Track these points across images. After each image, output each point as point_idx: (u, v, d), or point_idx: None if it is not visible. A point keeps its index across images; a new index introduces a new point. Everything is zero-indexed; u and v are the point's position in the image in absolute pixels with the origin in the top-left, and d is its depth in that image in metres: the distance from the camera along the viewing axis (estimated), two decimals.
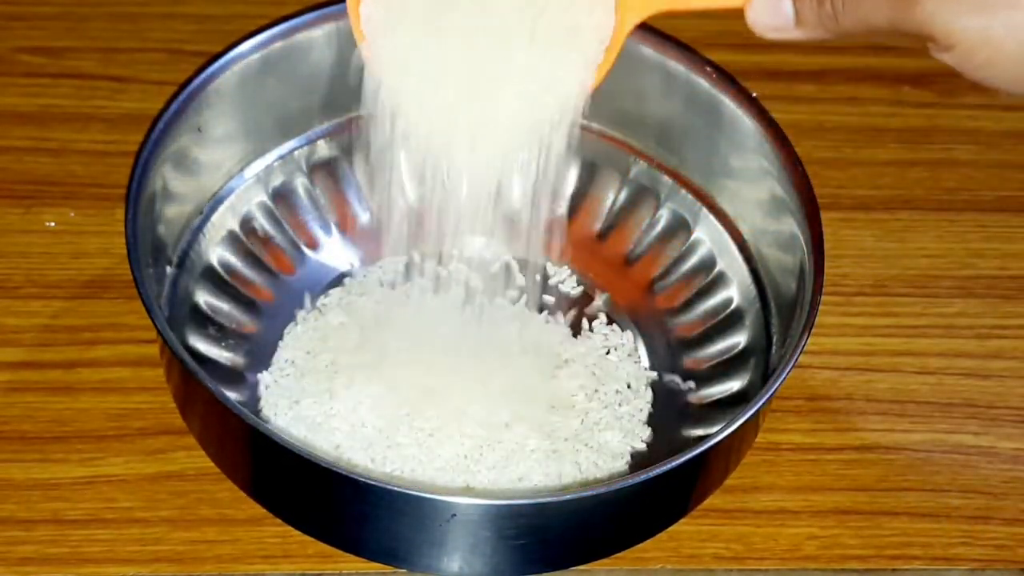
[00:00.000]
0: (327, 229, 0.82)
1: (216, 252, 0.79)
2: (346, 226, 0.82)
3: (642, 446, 0.75)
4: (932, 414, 0.78)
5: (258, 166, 0.81)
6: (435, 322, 0.77)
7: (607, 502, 0.68)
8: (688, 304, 0.80)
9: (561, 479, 0.73)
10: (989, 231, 0.86)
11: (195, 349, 0.75)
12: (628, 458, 0.75)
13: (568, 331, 0.78)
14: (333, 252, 0.81)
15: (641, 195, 0.82)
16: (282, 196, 0.82)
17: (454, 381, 0.75)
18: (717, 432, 0.68)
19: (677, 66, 0.78)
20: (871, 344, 0.81)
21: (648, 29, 0.79)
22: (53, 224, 0.82)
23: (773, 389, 0.69)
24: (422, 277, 0.78)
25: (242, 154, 0.80)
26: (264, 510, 0.72)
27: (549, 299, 0.80)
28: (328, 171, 0.82)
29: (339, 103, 0.82)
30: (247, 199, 0.80)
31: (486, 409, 0.74)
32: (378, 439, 0.73)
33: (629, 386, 0.77)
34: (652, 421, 0.76)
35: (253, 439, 0.68)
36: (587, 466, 0.74)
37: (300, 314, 0.78)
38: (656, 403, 0.77)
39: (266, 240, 0.81)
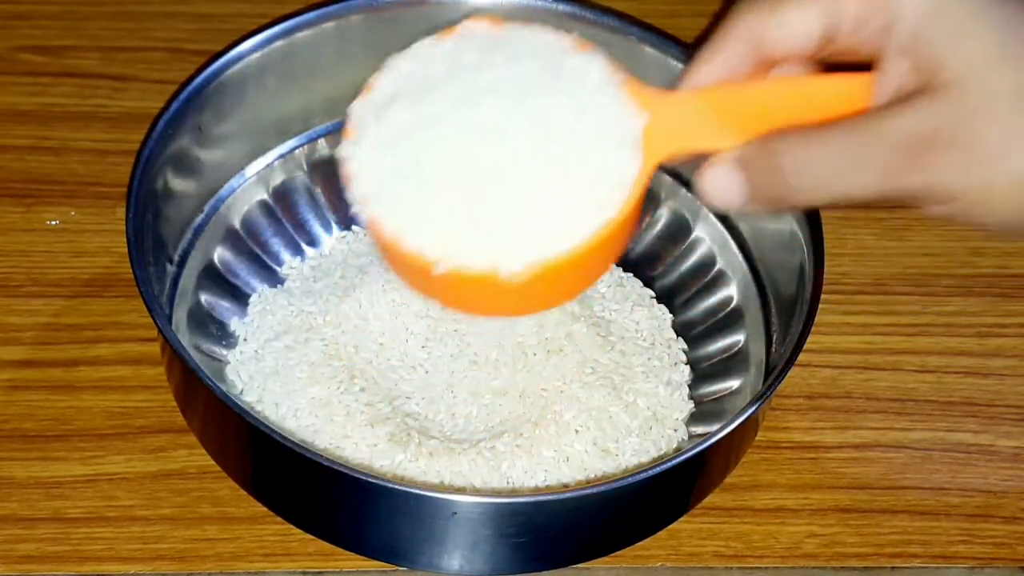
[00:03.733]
0: (327, 227, 0.82)
1: (217, 250, 0.79)
2: (346, 225, 0.82)
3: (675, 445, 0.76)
4: (932, 412, 0.78)
5: (258, 165, 0.81)
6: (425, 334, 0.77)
7: (607, 500, 0.68)
8: (688, 302, 0.80)
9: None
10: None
11: (196, 347, 0.75)
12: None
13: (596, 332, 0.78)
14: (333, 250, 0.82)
15: None
16: (282, 195, 0.82)
17: (459, 380, 0.76)
18: (717, 430, 0.68)
19: (678, 65, 0.78)
20: (871, 342, 0.81)
21: (648, 28, 0.79)
22: (54, 223, 0.82)
23: (773, 387, 0.69)
24: None
25: (243, 153, 0.80)
26: (265, 508, 0.72)
27: None
28: (328, 170, 0.82)
29: (339, 102, 0.82)
30: (248, 198, 0.81)
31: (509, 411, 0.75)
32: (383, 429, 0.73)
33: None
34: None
35: (253, 437, 0.68)
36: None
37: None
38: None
39: (267, 239, 0.81)
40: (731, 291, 0.80)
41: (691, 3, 0.94)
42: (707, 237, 0.81)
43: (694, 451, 0.67)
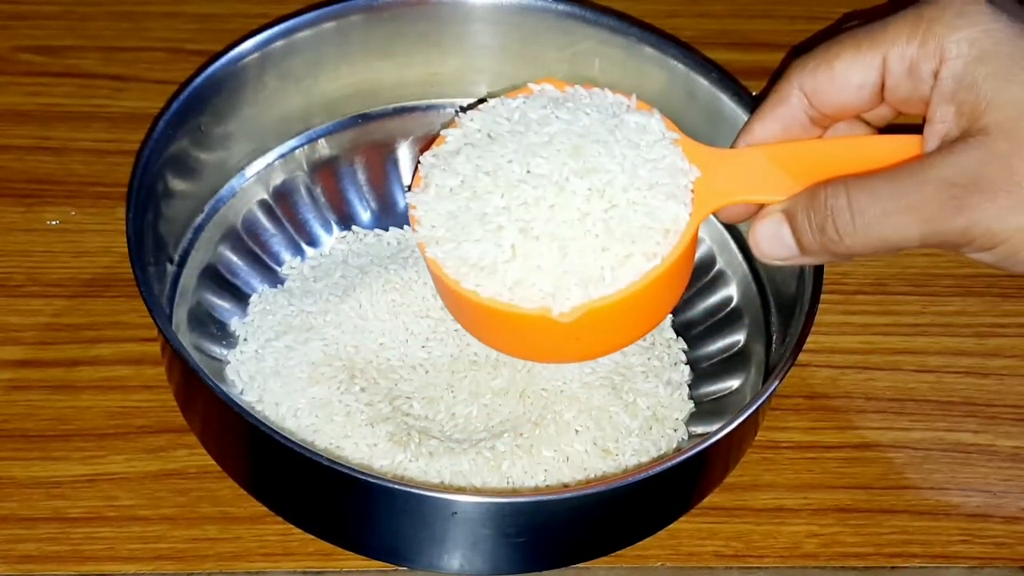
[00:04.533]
0: (327, 227, 0.82)
1: (217, 250, 0.79)
2: (347, 224, 0.82)
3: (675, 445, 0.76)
4: (931, 412, 0.78)
5: (259, 165, 0.81)
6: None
7: (607, 500, 0.68)
8: (688, 302, 0.80)
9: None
10: None
11: (196, 347, 0.75)
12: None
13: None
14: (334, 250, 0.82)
15: None
16: (283, 195, 0.82)
17: (459, 380, 0.76)
18: (717, 430, 0.68)
19: (677, 65, 0.78)
20: (870, 342, 0.81)
21: (648, 28, 0.79)
22: (55, 223, 0.82)
23: (773, 387, 0.69)
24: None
25: (243, 153, 0.80)
26: (265, 508, 0.72)
27: None
28: (329, 170, 0.83)
29: (339, 102, 0.82)
30: (248, 198, 0.81)
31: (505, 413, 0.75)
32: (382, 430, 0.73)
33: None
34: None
35: (253, 437, 0.68)
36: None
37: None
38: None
39: (267, 239, 0.81)
40: (731, 291, 0.80)
41: (691, 3, 0.94)
42: (707, 237, 0.81)
43: (694, 451, 0.67)
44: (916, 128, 0.65)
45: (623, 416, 0.74)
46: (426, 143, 0.83)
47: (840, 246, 0.63)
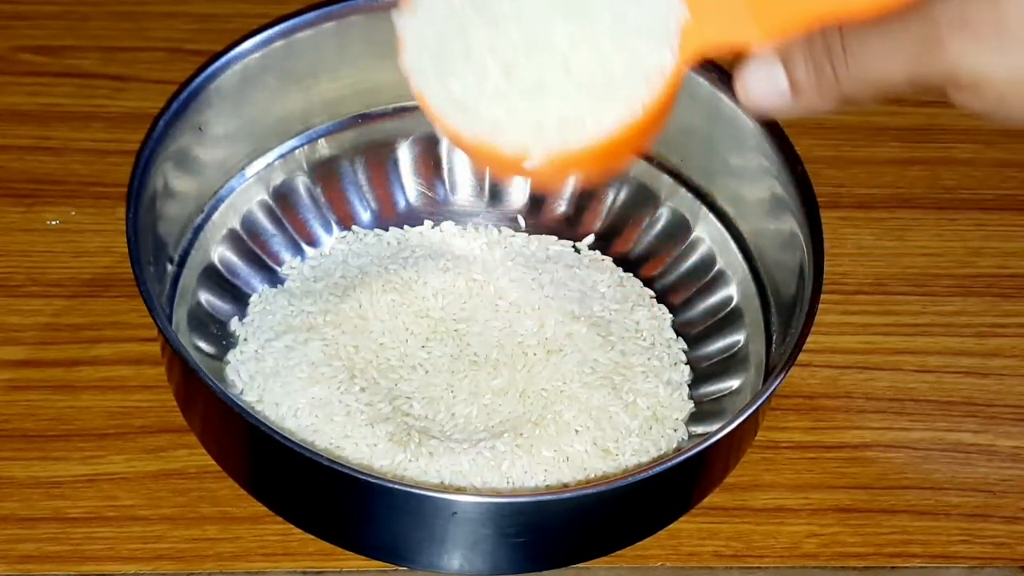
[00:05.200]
0: (327, 228, 0.82)
1: (217, 250, 0.79)
2: (347, 224, 0.82)
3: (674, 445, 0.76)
4: (931, 412, 0.78)
5: (259, 165, 0.81)
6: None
7: (607, 500, 0.68)
8: (688, 302, 0.80)
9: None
10: (988, 229, 0.86)
11: (196, 347, 0.75)
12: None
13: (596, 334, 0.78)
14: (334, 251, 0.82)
15: (641, 194, 0.83)
16: (283, 195, 0.82)
17: (459, 380, 0.76)
18: (717, 430, 0.68)
19: None
20: (870, 342, 0.81)
21: None
22: (55, 223, 0.82)
23: (773, 387, 0.69)
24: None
25: (243, 153, 0.80)
26: (265, 508, 0.72)
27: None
28: (329, 170, 0.82)
29: (339, 102, 0.82)
30: (248, 198, 0.81)
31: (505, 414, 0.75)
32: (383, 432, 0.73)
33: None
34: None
35: (253, 437, 0.68)
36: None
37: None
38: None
39: (266, 239, 0.81)
40: (731, 291, 0.80)
41: None
42: (707, 237, 0.81)
43: (694, 451, 0.67)
44: None
45: (623, 416, 0.74)
46: (426, 143, 0.83)
47: (834, 88, 0.62)
